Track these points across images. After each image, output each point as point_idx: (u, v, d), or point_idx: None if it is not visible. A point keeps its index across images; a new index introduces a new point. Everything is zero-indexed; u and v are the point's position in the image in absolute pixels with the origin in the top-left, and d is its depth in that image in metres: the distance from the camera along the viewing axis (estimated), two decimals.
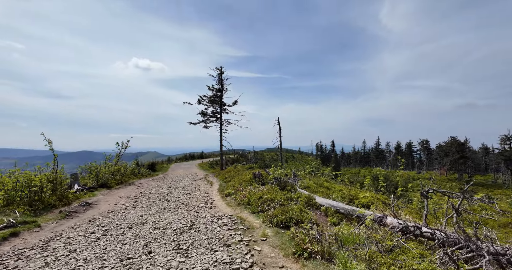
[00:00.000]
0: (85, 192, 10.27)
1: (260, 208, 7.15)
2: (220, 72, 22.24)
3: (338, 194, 8.62)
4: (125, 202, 9.42)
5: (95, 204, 8.53)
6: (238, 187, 10.13)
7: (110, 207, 8.35)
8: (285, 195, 7.94)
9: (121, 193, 11.46)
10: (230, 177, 13.42)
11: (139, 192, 11.88)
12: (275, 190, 8.45)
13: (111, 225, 6.17)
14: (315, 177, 11.44)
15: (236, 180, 11.27)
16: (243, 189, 9.68)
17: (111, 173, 14.22)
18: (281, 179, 9.16)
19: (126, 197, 10.53)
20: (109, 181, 12.84)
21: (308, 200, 7.51)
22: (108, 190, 11.87)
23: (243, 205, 8.03)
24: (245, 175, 11.78)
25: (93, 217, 7.05)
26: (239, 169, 15.72)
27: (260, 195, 7.86)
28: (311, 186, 9.06)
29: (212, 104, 22.41)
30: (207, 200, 9.51)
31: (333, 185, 9.83)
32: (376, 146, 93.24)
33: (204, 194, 11.15)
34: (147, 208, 8.30)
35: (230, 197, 9.46)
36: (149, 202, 9.36)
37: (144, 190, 12.71)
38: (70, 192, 8.86)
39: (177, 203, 9.17)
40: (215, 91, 22.31)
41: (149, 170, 24.01)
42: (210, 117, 22.37)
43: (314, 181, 9.85)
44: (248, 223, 6.22)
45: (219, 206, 8.42)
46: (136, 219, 6.80)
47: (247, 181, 10.51)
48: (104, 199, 9.65)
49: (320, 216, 6.85)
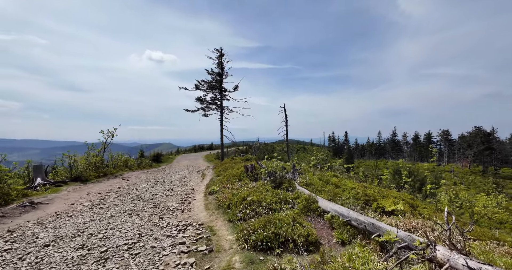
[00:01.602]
0: (47, 187, 8.75)
1: (241, 214, 5.22)
2: (220, 54, 20.06)
3: (350, 193, 6.54)
4: (87, 200, 7.79)
5: (45, 204, 6.93)
6: (225, 183, 8.25)
7: (61, 208, 6.71)
8: (279, 196, 5.96)
9: (94, 188, 9.89)
10: (223, 170, 11.57)
11: (116, 187, 10.30)
12: (267, 188, 6.48)
13: (26, 239, 4.45)
14: (321, 171, 9.38)
15: (226, 175, 9.39)
16: (230, 186, 7.79)
17: (93, 165, 12.75)
18: (276, 173, 7.18)
19: (96, 193, 8.93)
20: (87, 173, 11.33)
21: (308, 204, 5.50)
22: (81, 184, 10.35)
23: (223, 208, 6.13)
24: (237, 168, 9.87)
25: (18, 225, 5.38)
26: (235, 161, 13.85)
27: (244, 196, 5.92)
28: (314, 183, 7.02)
29: (211, 90, 20.42)
30: (185, 200, 7.71)
31: (344, 182, 7.74)
32: (392, 137, 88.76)
33: (188, 190, 9.40)
34: (105, 210, 6.59)
35: (213, 196, 7.61)
36: (116, 201, 7.68)
37: (126, 184, 11.14)
38: (15, 188, 7.29)
39: (148, 203, 7.43)
40: (215, 76, 20.23)
41: (152, 162, 22.83)
42: (209, 104, 20.44)
43: (319, 176, 7.81)
44: (216, 239, 4.32)
45: (194, 209, 6.59)
46: (73, 228, 5.07)
47: (237, 176, 8.60)
48: (64, 196, 8.06)
49: (324, 227, 4.84)
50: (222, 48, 20.01)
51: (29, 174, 9.63)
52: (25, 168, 10.03)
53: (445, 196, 8.51)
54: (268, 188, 6.47)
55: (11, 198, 6.67)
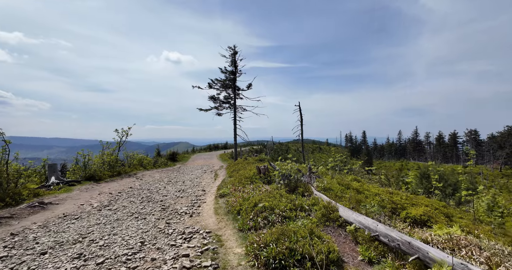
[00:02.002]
0: (60, 186, 8.74)
1: (251, 222, 4.73)
2: (234, 52, 19.70)
3: (374, 201, 5.86)
4: (97, 201, 7.65)
5: (55, 205, 6.83)
6: (236, 186, 7.80)
7: (70, 210, 6.57)
8: (294, 202, 5.40)
9: (107, 188, 9.82)
10: (236, 171, 11.15)
11: (128, 187, 10.19)
12: (280, 193, 5.95)
13: (25, 245, 4.21)
14: (340, 174, 8.67)
15: (238, 176, 8.94)
16: (242, 189, 7.33)
17: (107, 164, 12.81)
18: (290, 176, 6.61)
19: (108, 193, 8.82)
20: (101, 172, 11.35)
21: (327, 212, 4.91)
22: (94, 183, 10.34)
23: (232, 214, 5.67)
24: (249, 169, 9.40)
25: (23, 227, 5.22)
26: (248, 161, 13.39)
27: (256, 201, 5.42)
28: (333, 188, 6.39)
29: (224, 89, 20.11)
30: (195, 202, 7.34)
31: (366, 187, 7.02)
32: (414, 137, 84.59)
33: (199, 192, 9.07)
34: (113, 213, 6.36)
35: (224, 199, 7.19)
36: (125, 202, 7.47)
37: (138, 184, 11.02)
38: (27, 187, 7.26)
39: (157, 205, 7.14)
40: (228, 74, 19.91)
41: (168, 160, 23.01)
42: (222, 103, 20.14)
43: (338, 180, 7.15)
44: (223, 252, 3.86)
45: (203, 213, 6.18)
46: (76, 233, 4.82)
47: (249, 178, 8.12)
48: (75, 196, 7.98)
49: (346, 241, 4.24)
50: (236, 45, 19.65)
51: (46, 172, 9.73)
52: (41, 167, 10.17)
53: (480, 202, 7.51)
54: (282, 193, 5.93)
55: (22, 198, 6.63)
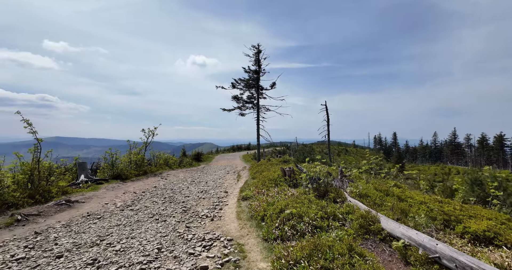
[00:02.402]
0: (88, 184, 8.94)
1: (277, 231, 4.20)
2: (257, 51, 19.34)
3: (421, 210, 5.01)
4: (121, 200, 7.64)
5: (81, 203, 6.89)
6: (260, 188, 7.32)
7: (94, 208, 6.57)
8: (325, 209, 4.77)
9: (131, 187, 9.91)
10: (259, 172, 10.68)
11: (153, 186, 10.20)
12: (309, 198, 5.34)
13: (44, 245, 4.08)
14: (376, 178, 7.76)
15: (261, 178, 8.46)
16: (266, 192, 6.82)
17: (133, 163, 13.08)
18: (320, 180, 5.96)
19: (132, 192, 8.84)
20: (127, 171, 11.56)
21: (366, 223, 4.21)
22: (121, 182, 10.52)
23: (256, 219, 5.19)
24: (273, 171, 8.86)
25: (48, 225, 5.22)
26: (272, 162, 12.84)
27: (282, 207, 4.88)
28: (371, 194, 5.62)
29: (248, 88, 19.83)
30: (217, 204, 6.99)
31: (409, 193, 6.13)
32: (452, 139, 77.66)
33: (221, 193, 8.74)
34: (134, 213, 6.22)
35: (247, 202, 6.74)
36: (148, 203, 7.35)
37: (163, 183, 11.03)
38: (57, 185, 7.44)
39: (178, 206, 6.91)
40: (251, 73, 19.60)
41: (193, 160, 23.42)
42: (245, 103, 19.87)
43: (375, 185, 6.33)
44: (246, 265, 3.38)
45: (225, 217, 5.78)
46: (95, 234, 4.67)
47: (273, 180, 7.59)
48: (101, 195, 8.07)
49: (392, 259, 3.53)
50: (260, 44, 19.27)
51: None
52: (73, 165, 10.58)
53: None
54: (311, 198, 5.32)
55: (51, 195, 6.78)
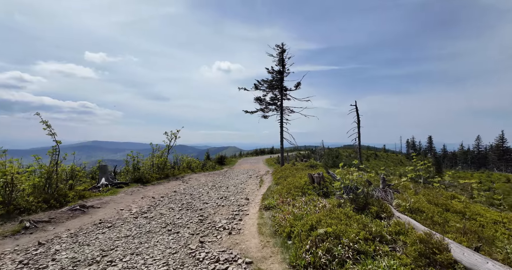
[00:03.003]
0: (108, 188, 8.77)
1: (309, 256, 3.34)
2: (281, 51, 18.55)
3: (500, 234, 3.81)
4: (138, 206, 7.26)
5: (96, 208, 6.60)
6: (285, 197, 6.46)
7: (108, 215, 6.21)
8: (369, 228, 3.80)
9: (151, 191, 9.61)
10: (283, 177, 9.81)
11: (173, 191, 9.82)
12: (346, 212, 4.38)
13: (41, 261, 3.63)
14: (426, 188, 6.45)
15: (286, 184, 7.59)
16: (291, 201, 5.96)
17: (155, 167, 12.94)
18: (357, 190, 4.97)
19: (150, 197, 8.49)
20: (148, 175, 11.38)
21: (429, 250, 3.18)
22: (141, 186, 10.30)
23: (281, 236, 4.36)
24: (299, 177, 7.94)
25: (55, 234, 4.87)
26: (297, 167, 11.87)
27: (313, 223, 4.00)
28: (424, 209, 4.50)
29: (271, 90, 19.09)
30: (236, 214, 6.28)
31: (474, 208, 4.87)
32: (499, 144, 69.45)
33: (242, 200, 8.05)
34: (147, 222, 5.73)
35: (269, 213, 5.93)
36: (164, 209, 6.87)
37: (183, 188, 10.64)
38: (75, 189, 7.26)
39: (195, 214, 6.32)
40: (275, 74, 18.85)
41: (216, 164, 23.38)
42: (268, 105, 19.13)
43: (427, 197, 5.17)
44: None
45: (244, 231, 5.03)
46: (99, 248, 4.18)
47: (299, 188, 6.69)
48: (119, 199, 7.78)
49: None
50: (284, 43, 18.47)
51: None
52: (97, 168, 10.60)
53: None
54: (349, 213, 4.36)
55: (67, 200, 6.58)
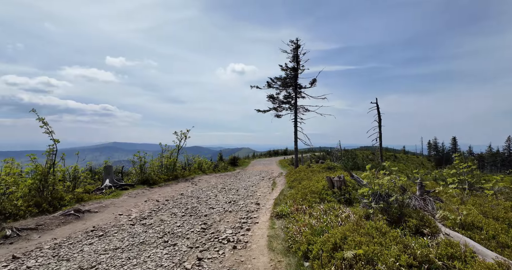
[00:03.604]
0: (112, 190, 8.32)
1: None
2: (296, 46, 17.65)
3: None
4: (139, 210, 6.69)
5: (92, 213, 6.08)
6: (299, 203, 5.62)
7: (103, 221, 5.66)
8: (410, 249, 2.90)
9: (157, 194, 9.07)
10: (297, 180, 8.94)
11: (179, 193, 9.25)
12: (378, 227, 3.48)
13: None
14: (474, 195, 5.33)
15: (301, 189, 6.73)
16: (307, 209, 5.11)
17: (164, 167, 12.49)
18: (389, 197, 4.04)
19: (155, 200, 7.94)
20: (156, 176, 10.91)
21: None
22: (147, 188, 9.81)
23: (295, 256, 3.53)
24: (316, 180, 7.04)
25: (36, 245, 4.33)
26: (313, 169, 10.92)
27: (336, 241, 3.15)
28: (481, 224, 3.52)
29: (284, 88, 18.23)
30: (244, 222, 5.52)
31: None
32: None
33: (252, 205, 7.30)
34: (143, 230, 5.11)
35: (282, 222, 5.12)
36: (166, 215, 6.25)
37: (191, 190, 10.05)
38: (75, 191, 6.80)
39: (198, 221, 5.64)
40: (289, 71, 17.97)
41: (228, 165, 23.07)
42: (282, 103, 18.27)
43: (480, 207, 4.14)
44: None
45: (252, 245, 4.25)
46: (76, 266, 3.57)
47: (316, 193, 5.81)
48: (119, 203, 7.27)
49: None
50: (299, 38, 17.55)
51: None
52: (103, 169, 10.26)
53: None
54: (382, 227, 3.46)
55: (62, 204, 6.12)
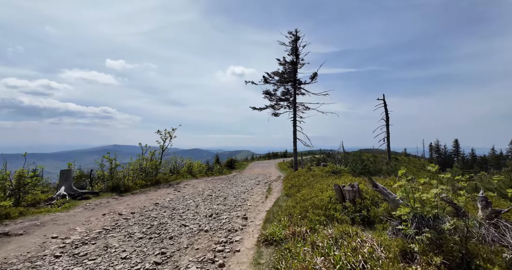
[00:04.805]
0: (65, 200, 6.69)
1: None
2: (295, 38, 16.12)
3: None
4: (86, 229, 5.07)
5: (14, 236, 4.46)
6: (297, 222, 4.02)
7: (21, 250, 4.04)
8: None
9: (125, 204, 7.44)
10: (296, 187, 7.34)
11: (154, 203, 7.64)
12: None
13: None
14: None
15: (299, 200, 5.12)
16: (308, 234, 3.52)
17: (144, 171, 10.85)
18: (441, 222, 2.47)
19: (116, 214, 6.31)
20: (130, 181, 9.28)
21: None
22: (115, 196, 8.18)
23: None
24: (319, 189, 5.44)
25: None
26: (314, 173, 9.29)
27: None
28: None
29: (282, 84, 16.68)
30: (220, 251, 3.92)
31: None
32: None
33: (237, 221, 5.72)
34: (72, 266, 3.50)
35: (271, 253, 3.52)
36: (117, 238, 4.63)
37: (169, 199, 8.45)
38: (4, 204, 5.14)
39: (157, 247, 4.05)
40: (287, 65, 16.44)
41: (225, 168, 21.75)
42: (279, 100, 16.70)
43: None
44: None
45: None
46: None
47: (321, 208, 4.21)
48: (65, 219, 5.63)
49: None
50: (298, 30, 16.03)
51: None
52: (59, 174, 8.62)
53: None
54: None
55: None
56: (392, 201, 3.09)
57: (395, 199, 3.07)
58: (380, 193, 3.18)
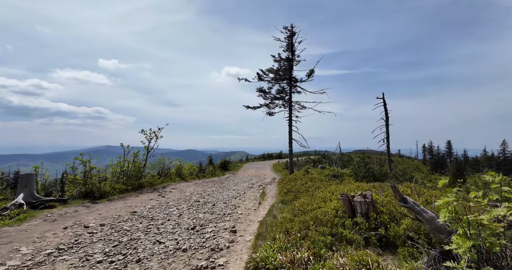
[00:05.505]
0: (22, 210, 5.66)
1: None
2: (291, 34, 15.32)
3: None
4: (33, 250, 4.08)
5: None
6: (296, 243, 3.14)
7: None
8: None
9: (96, 213, 6.44)
10: (293, 192, 6.46)
11: (131, 212, 6.67)
12: None
13: None
14: None
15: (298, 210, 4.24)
16: (311, 263, 2.64)
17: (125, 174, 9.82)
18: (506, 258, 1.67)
19: (82, 226, 5.32)
20: (107, 186, 8.26)
21: None
22: (87, 204, 7.15)
23: None
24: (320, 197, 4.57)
25: None
26: (312, 176, 8.43)
27: None
28: None
29: (277, 81, 15.83)
30: None
31: None
32: None
33: (224, 235, 4.81)
34: None
35: None
36: (66, 264, 3.66)
37: (150, 206, 7.49)
38: None
39: None
40: (282, 62, 15.61)
41: (218, 169, 20.98)
42: (274, 99, 15.84)
43: None
44: None
45: None
46: None
47: (325, 224, 3.34)
48: (11, 236, 4.62)
49: None
50: (294, 25, 15.22)
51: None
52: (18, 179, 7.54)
53: None
54: None
55: None
56: (428, 222, 2.25)
57: (432, 220, 2.23)
58: (411, 211, 2.35)
